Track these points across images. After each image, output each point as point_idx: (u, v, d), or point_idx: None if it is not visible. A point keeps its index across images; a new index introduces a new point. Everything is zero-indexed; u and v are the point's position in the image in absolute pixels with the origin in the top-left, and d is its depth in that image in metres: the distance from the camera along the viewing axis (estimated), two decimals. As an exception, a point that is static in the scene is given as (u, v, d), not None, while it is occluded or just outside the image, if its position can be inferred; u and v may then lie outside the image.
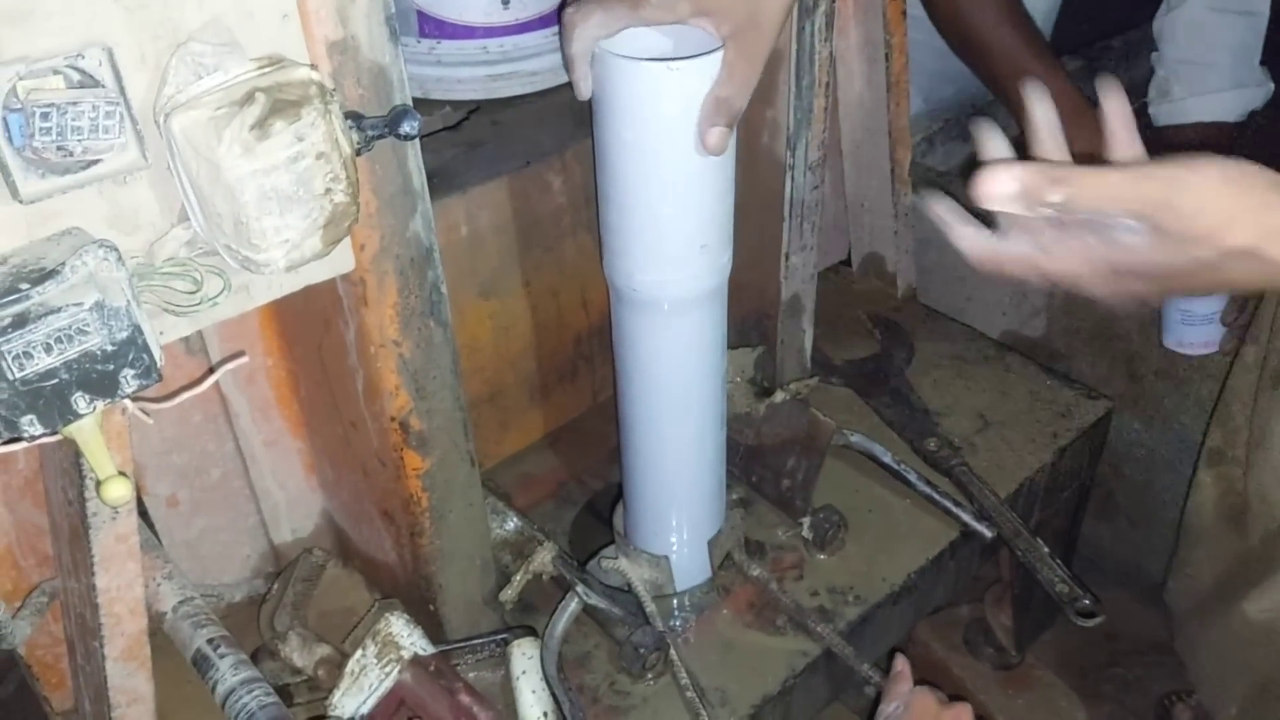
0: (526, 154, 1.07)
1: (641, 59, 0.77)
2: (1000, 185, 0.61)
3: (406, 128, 0.66)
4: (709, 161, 0.82)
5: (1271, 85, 1.48)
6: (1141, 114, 1.53)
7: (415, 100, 0.75)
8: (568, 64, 0.78)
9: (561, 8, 0.82)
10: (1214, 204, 0.60)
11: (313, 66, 0.64)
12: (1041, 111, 0.69)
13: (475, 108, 1.14)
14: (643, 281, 0.89)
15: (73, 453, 0.72)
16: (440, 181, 1.02)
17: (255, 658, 0.97)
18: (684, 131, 0.79)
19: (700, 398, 0.99)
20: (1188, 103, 1.46)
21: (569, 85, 1.16)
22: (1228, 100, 1.45)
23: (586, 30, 0.76)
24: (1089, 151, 1.19)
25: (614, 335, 0.98)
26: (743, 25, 0.75)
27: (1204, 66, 1.45)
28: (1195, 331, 1.28)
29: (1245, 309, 1.27)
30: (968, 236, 0.67)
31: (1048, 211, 0.62)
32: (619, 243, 0.89)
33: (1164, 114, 1.48)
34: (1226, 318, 1.28)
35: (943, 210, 0.68)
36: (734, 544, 1.10)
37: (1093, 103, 0.72)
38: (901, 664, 0.97)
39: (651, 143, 0.81)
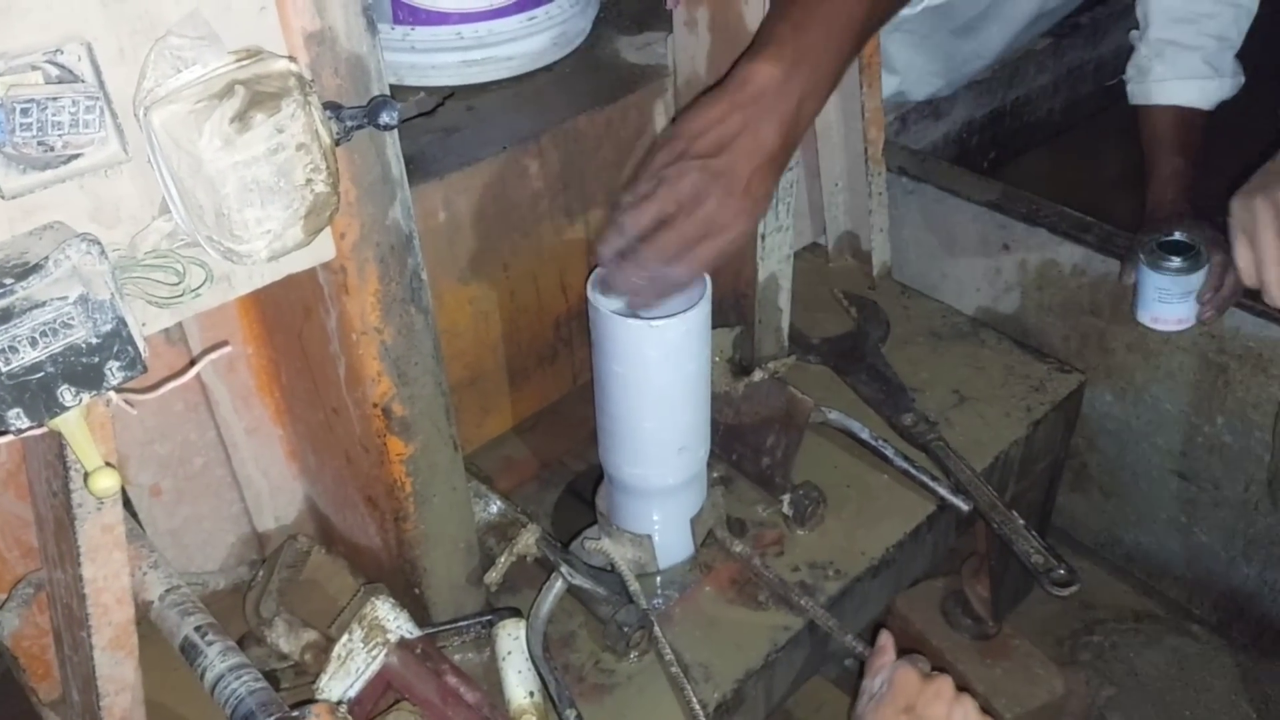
0: (503, 139, 1.08)
1: (629, 317, 0.93)
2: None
3: (385, 118, 0.67)
4: (683, 388, 1.00)
5: (1243, 78, 1.49)
6: (1117, 90, 1.55)
7: (390, 87, 0.76)
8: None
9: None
10: None
11: (291, 58, 0.64)
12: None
13: (450, 93, 1.14)
14: (631, 474, 1.05)
15: (57, 444, 0.72)
16: (417, 168, 1.02)
17: (241, 644, 0.98)
18: (660, 367, 0.96)
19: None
20: (1167, 84, 1.47)
21: (544, 70, 1.17)
22: (1207, 87, 1.46)
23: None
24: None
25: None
26: None
27: (1188, 50, 1.46)
28: (1171, 308, 1.29)
29: (1223, 285, 1.28)
30: None
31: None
32: (611, 441, 1.05)
33: (1141, 93, 1.49)
34: (1203, 295, 1.29)
35: None
36: (716, 521, 1.12)
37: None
38: (884, 639, 0.98)
39: (635, 375, 0.98)
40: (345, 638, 0.92)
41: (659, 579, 1.09)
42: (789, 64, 0.88)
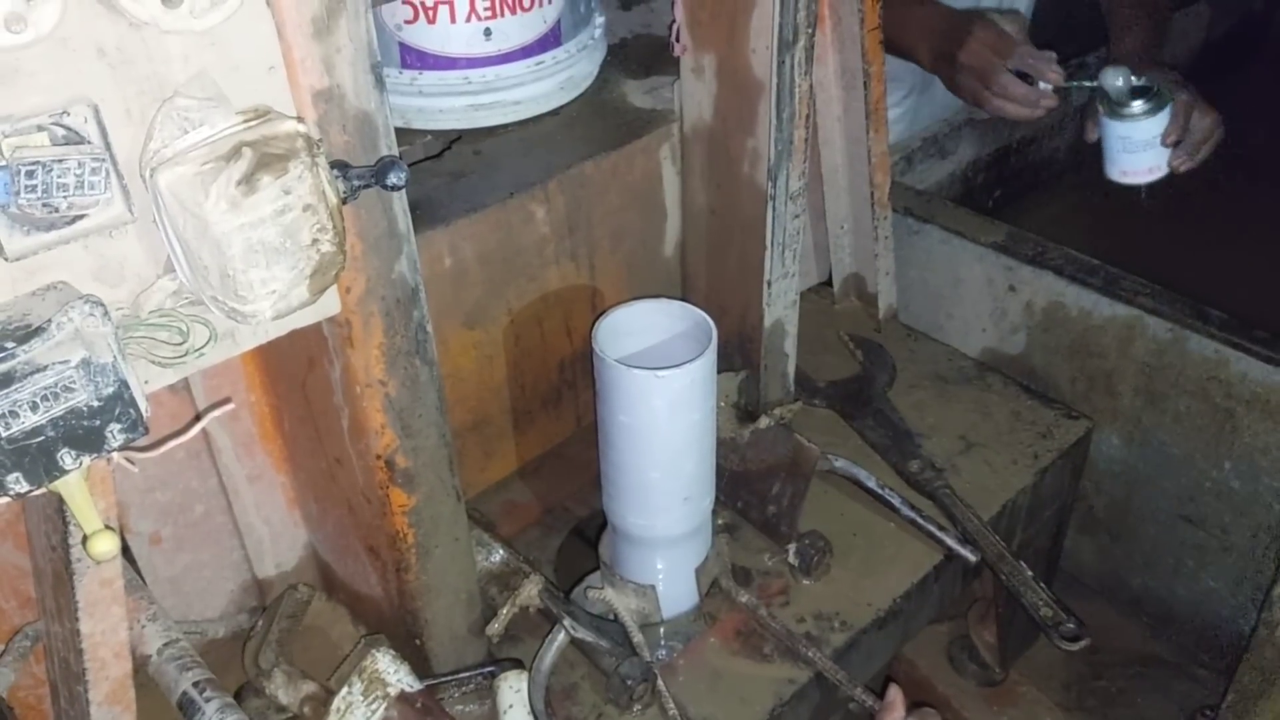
0: (509, 184, 1.07)
1: (635, 367, 0.93)
2: None
3: (393, 179, 0.66)
4: (689, 437, 0.98)
5: None
6: None
7: (397, 130, 0.76)
8: None
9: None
10: None
11: (299, 118, 0.64)
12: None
13: (457, 137, 1.14)
14: (636, 523, 1.04)
15: (56, 499, 0.71)
16: (424, 214, 1.02)
17: (240, 695, 0.97)
18: (666, 417, 0.95)
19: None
20: None
21: (551, 114, 1.17)
22: None
23: None
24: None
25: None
26: None
27: None
28: (1137, 158, 1.23)
29: (1188, 126, 1.23)
30: None
31: None
32: (615, 490, 1.04)
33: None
34: (1168, 139, 1.24)
35: None
36: (721, 570, 1.10)
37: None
38: (894, 694, 0.97)
39: (641, 425, 0.97)
40: (345, 690, 0.91)
41: (663, 629, 1.08)
42: None
